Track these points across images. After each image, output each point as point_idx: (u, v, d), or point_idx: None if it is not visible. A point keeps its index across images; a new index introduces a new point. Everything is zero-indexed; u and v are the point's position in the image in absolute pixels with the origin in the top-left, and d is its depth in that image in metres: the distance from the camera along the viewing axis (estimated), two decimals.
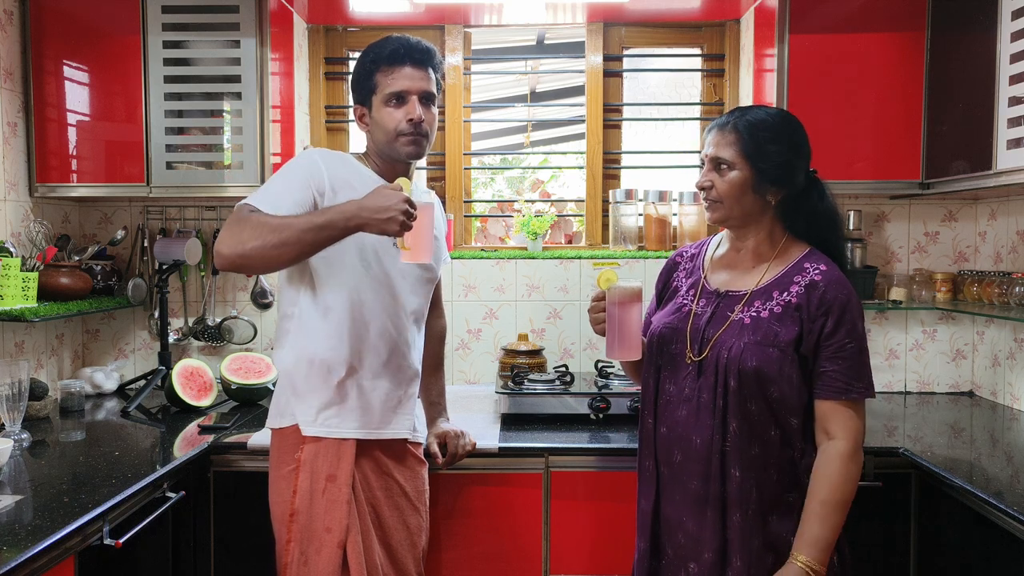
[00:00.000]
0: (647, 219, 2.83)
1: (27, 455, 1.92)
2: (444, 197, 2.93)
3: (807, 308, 1.46)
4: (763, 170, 1.50)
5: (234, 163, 2.46)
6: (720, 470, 1.47)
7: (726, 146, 1.51)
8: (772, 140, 1.51)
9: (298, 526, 1.66)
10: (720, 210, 1.54)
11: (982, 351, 2.68)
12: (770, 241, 1.56)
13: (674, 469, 1.53)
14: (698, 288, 1.60)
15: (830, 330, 1.45)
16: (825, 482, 1.44)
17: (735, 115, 1.53)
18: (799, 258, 1.53)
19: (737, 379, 1.45)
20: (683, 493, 1.52)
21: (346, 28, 2.93)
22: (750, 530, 1.46)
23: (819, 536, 1.42)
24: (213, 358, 2.79)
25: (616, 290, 1.52)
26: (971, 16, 2.17)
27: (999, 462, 1.93)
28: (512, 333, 2.78)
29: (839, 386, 1.45)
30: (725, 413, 1.47)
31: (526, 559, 2.06)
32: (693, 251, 1.70)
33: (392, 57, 1.70)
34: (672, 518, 1.55)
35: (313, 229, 1.50)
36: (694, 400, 1.50)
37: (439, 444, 1.93)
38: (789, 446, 1.48)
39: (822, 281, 1.47)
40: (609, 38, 2.92)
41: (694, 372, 1.52)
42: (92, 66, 2.46)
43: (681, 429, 1.52)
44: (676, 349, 1.56)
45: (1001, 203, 2.57)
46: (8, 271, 2.21)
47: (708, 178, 1.54)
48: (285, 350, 1.74)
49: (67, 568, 1.46)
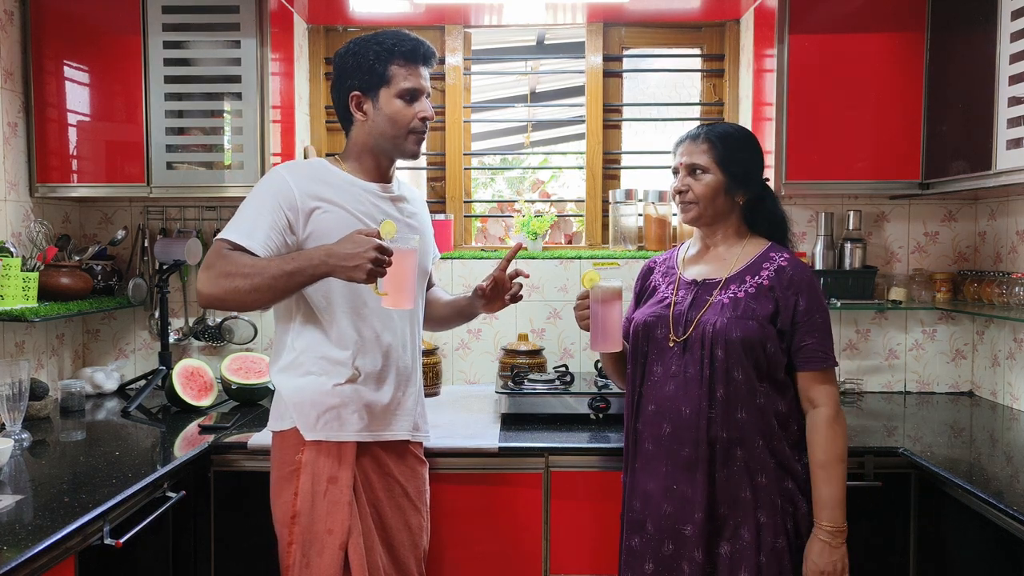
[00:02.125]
0: (647, 219, 2.83)
1: (27, 455, 1.92)
2: (444, 197, 2.93)
3: (779, 288, 1.66)
4: (733, 174, 1.71)
5: (234, 163, 2.46)
6: (707, 434, 1.63)
7: (700, 154, 1.71)
8: (739, 149, 1.73)
9: (300, 528, 1.66)
10: (694, 210, 1.74)
11: (982, 351, 2.68)
12: (736, 236, 1.77)
13: (661, 443, 1.68)
14: (675, 283, 1.79)
15: (804, 307, 1.65)
16: (819, 446, 1.63)
17: (704, 129, 1.74)
18: (764, 249, 1.74)
19: (724, 349, 1.63)
20: (672, 463, 1.66)
21: (346, 28, 2.93)
22: (736, 485, 1.62)
23: (829, 495, 1.61)
24: (213, 358, 2.79)
25: (598, 289, 1.68)
26: (971, 16, 2.17)
27: (999, 462, 1.93)
28: (512, 333, 2.78)
29: (820, 356, 1.65)
30: (712, 382, 1.64)
31: (526, 559, 2.06)
32: (664, 257, 1.90)
33: (413, 54, 1.71)
34: (653, 492, 1.69)
35: (283, 276, 1.55)
36: (680, 375, 1.67)
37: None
38: (773, 411, 1.65)
39: (788, 266, 1.69)
40: (609, 38, 2.92)
41: (679, 351, 1.69)
42: (92, 66, 2.47)
43: (669, 403, 1.67)
44: (660, 334, 1.72)
45: (1001, 203, 2.57)
46: (8, 271, 2.21)
47: (685, 182, 1.73)
48: (283, 355, 1.74)
49: (67, 568, 1.46)
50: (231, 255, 1.58)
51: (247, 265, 1.56)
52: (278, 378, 1.73)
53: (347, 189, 1.71)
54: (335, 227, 1.66)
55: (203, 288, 1.58)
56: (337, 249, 1.53)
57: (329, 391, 1.69)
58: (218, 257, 1.58)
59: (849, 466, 1.97)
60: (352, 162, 1.76)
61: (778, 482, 1.64)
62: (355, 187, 1.73)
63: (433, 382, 2.62)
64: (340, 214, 1.68)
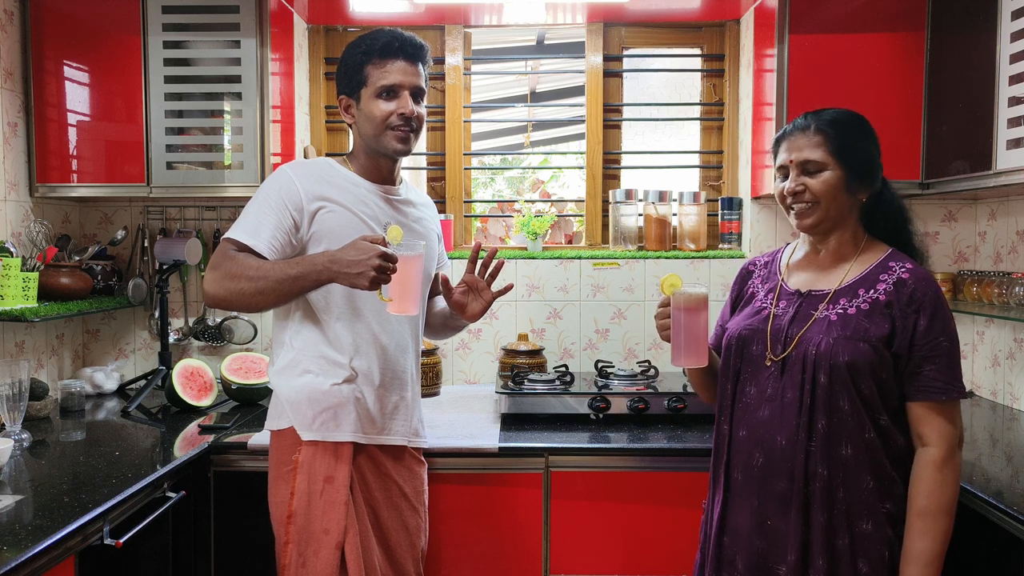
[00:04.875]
0: (647, 219, 2.83)
1: (27, 455, 1.92)
2: (444, 197, 2.93)
3: (898, 304, 1.43)
4: (853, 168, 1.48)
5: (234, 163, 2.46)
6: (804, 469, 1.43)
7: (813, 148, 1.48)
8: (858, 137, 1.50)
9: (296, 528, 1.66)
10: (816, 212, 1.49)
11: (982, 351, 2.68)
12: (853, 241, 1.54)
13: (753, 473, 1.49)
14: (776, 291, 1.57)
15: (924, 327, 1.42)
16: (920, 492, 1.41)
17: (811, 117, 1.51)
18: (883, 257, 1.50)
19: (828, 375, 1.41)
20: (764, 495, 1.47)
21: (346, 28, 2.93)
22: (834, 531, 1.42)
23: (921, 550, 1.39)
24: (213, 358, 2.79)
25: (681, 295, 1.48)
26: (971, 16, 2.17)
27: (999, 462, 1.93)
28: (512, 333, 2.78)
29: (937, 386, 1.41)
30: (812, 411, 1.43)
31: (526, 559, 2.06)
32: (766, 259, 1.69)
33: (385, 50, 1.69)
34: (743, 527, 1.50)
35: (287, 280, 1.56)
36: (777, 400, 1.47)
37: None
38: (886, 449, 1.43)
39: (911, 279, 1.45)
40: (609, 38, 2.92)
41: (776, 372, 1.48)
42: (92, 66, 2.47)
43: (763, 430, 1.48)
44: (756, 350, 1.52)
45: (1001, 203, 2.57)
46: (8, 271, 2.21)
47: (799, 182, 1.49)
48: (281, 356, 1.74)
49: (67, 568, 1.46)
50: (237, 256, 1.60)
51: (252, 267, 1.57)
52: (276, 378, 1.73)
53: (351, 189, 1.71)
54: (338, 227, 1.66)
55: (209, 289, 1.60)
56: (341, 256, 1.53)
57: (327, 391, 1.69)
58: (224, 258, 1.60)
59: None
60: (355, 163, 1.78)
61: (887, 529, 1.43)
62: (359, 188, 1.73)
63: (433, 382, 2.62)
64: (344, 214, 1.68)
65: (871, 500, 1.42)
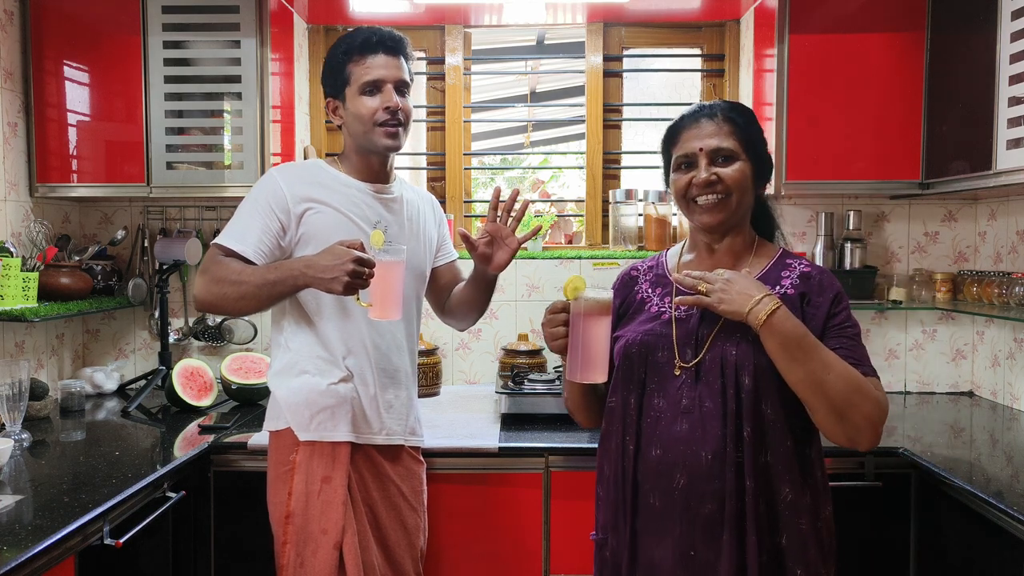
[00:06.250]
0: (647, 219, 2.83)
1: (27, 455, 1.92)
2: (444, 197, 2.93)
3: (811, 294, 1.35)
4: (757, 162, 1.39)
5: (234, 163, 2.46)
6: (735, 484, 1.28)
7: (724, 136, 1.36)
8: (759, 132, 1.40)
9: (294, 528, 1.66)
10: (727, 207, 1.37)
11: (982, 351, 2.68)
12: (745, 239, 1.44)
13: (673, 497, 1.31)
14: (673, 294, 1.43)
15: (836, 312, 1.35)
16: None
17: (718, 105, 1.40)
18: (777, 255, 1.43)
19: (752, 376, 1.29)
20: (688, 522, 1.30)
21: (346, 28, 2.93)
22: (758, 547, 1.28)
23: (804, 334, 1.26)
24: (213, 358, 2.79)
25: (584, 301, 1.33)
26: (971, 16, 2.17)
27: (999, 462, 1.93)
28: (512, 333, 2.78)
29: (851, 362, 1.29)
30: (738, 418, 1.29)
31: (526, 559, 2.06)
32: (650, 263, 1.54)
33: (364, 46, 1.69)
34: (662, 563, 1.32)
35: (267, 285, 1.58)
36: (695, 411, 1.31)
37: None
38: (800, 460, 1.32)
39: (814, 271, 1.39)
40: (609, 38, 2.92)
41: (689, 380, 1.33)
42: (92, 66, 2.47)
43: (683, 447, 1.31)
44: (662, 357, 1.37)
45: (1001, 203, 2.57)
46: (8, 271, 2.21)
47: (712, 172, 1.36)
48: (279, 358, 1.75)
49: (67, 568, 1.46)
50: (223, 261, 1.62)
51: (235, 272, 1.59)
52: (274, 380, 1.74)
53: (340, 190, 1.71)
54: (327, 228, 1.67)
55: (197, 293, 1.63)
56: (316, 260, 1.54)
57: (324, 391, 1.69)
58: (212, 263, 1.63)
59: (849, 466, 2.00)
60: (346, 163, 1.78)
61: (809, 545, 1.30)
62: (349, 187, 1.73)
63: (433, 382, 2.62)
64: (332, 214, 1.69)
65: (787, 515, 1.29)
